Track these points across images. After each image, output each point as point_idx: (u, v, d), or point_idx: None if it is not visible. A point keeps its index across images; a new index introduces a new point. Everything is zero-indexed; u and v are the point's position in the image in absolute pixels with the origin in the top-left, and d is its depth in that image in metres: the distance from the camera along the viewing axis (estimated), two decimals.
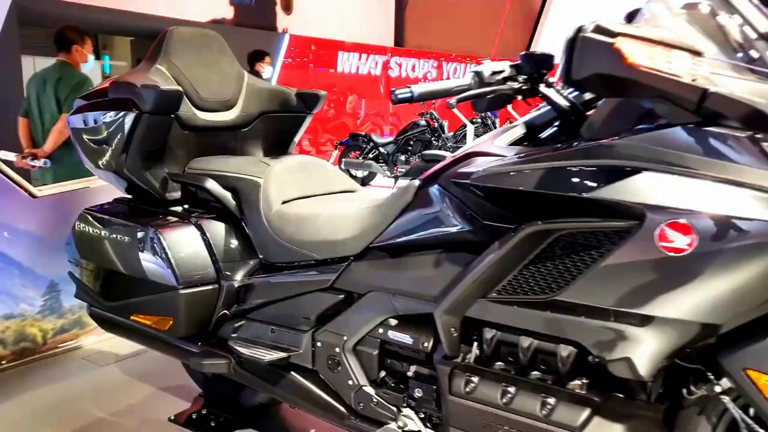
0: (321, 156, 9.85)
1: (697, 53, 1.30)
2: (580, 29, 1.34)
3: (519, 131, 1.78)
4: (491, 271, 1.61)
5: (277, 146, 2.78)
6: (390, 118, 12.59)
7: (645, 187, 1.37)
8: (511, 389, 1.61)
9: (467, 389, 1.67)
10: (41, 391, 2.99)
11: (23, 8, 4.34)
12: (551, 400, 1.55)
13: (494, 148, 1.69)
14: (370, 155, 9.53)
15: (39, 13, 6.18)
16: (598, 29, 1.31)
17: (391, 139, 9.88)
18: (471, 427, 1.67)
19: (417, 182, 1.90)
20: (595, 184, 1.42)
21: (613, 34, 1.29)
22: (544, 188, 1.49)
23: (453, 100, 1.57)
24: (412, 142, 9.56)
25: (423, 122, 9.72)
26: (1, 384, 3.05)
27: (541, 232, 1.53)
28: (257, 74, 6.69)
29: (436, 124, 9.68)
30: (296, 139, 2.85)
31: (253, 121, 2.67)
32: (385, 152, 9.55)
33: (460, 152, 1.80)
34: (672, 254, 1.33)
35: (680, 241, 1.33)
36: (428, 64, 13.14)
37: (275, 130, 2.75)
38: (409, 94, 1.59)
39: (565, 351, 1.55)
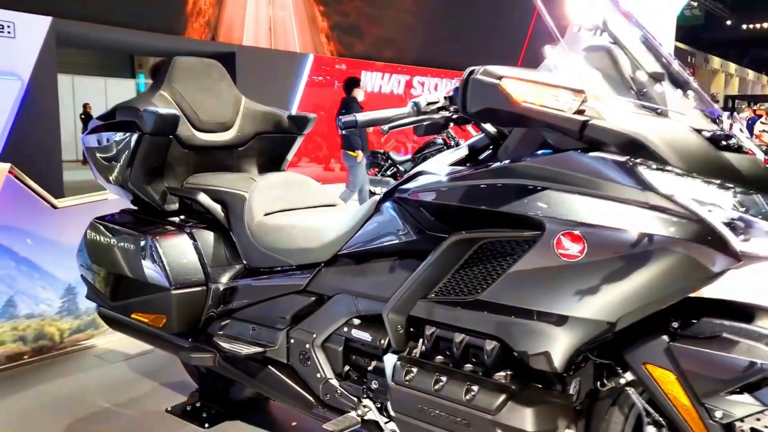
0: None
1: (579, 91, 1.53)
2: (471, 72, 1.58)
3: (462, 153, 2.02)
4: (428, 274, 1.84)
5: (271, 164, 3.04)
6: (414, 136, 12.74)
7: (544, 203, 1.59)
8: (443, 378, 1.81)
9: (406, 378, 1.87)
10: (55, 385, 3.28)
11: (61, 31, 4.68)
12: (474, 388, 1.75)
13: (435, 168, 1.93)
14: (389, 172, 9.71)
15: (76, 35, 6.55)
16: (486, 73, 1.55)
17: (408, 157, 10.03)
18: (409, 412, 1.87)
19: (379, 196, 2.14)
20: (504, 200, 1.64)
21: (498, 77, 1.53)
22: (462, 202, 1.72)
23: (386, 127, 1.80)
24: None
25: (440, 141, 9.83)
26: (21, 377, 3.36)
27: (466, 240, 1.76)
28: (354, 98, 7.21)
29: (452, 143, 9.83)
30: (289, 157, 3.10)
31: (249, 141, 2.92)
32: (403, 170, 9.72)
33: (412, 171, 2.04)
34: (567, 260, 1.55)
35: (573, 249, 1.54)
36: (451, 83, 13.34)
37: (269, 149, 3.01)
38: (353, 121, 1.82)
39: (489, 345, 1.76)
